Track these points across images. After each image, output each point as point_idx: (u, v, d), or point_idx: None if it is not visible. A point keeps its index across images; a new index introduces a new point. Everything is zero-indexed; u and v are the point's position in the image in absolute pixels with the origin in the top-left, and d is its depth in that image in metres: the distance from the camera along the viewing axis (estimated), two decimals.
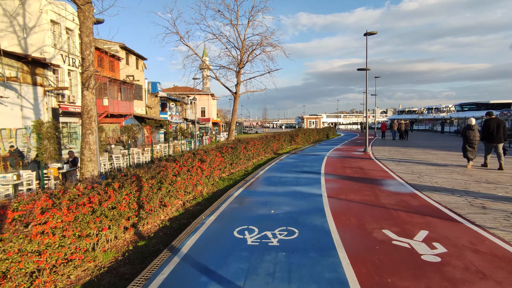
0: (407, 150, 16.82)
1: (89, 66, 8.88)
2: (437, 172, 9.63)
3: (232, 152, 10.71)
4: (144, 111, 37.18)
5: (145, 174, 5.38)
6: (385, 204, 6.16)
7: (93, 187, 4.32)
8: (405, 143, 21.97)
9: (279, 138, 18.15)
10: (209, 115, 65.87)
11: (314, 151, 17.87)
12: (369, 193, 7.15)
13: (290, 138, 21.28)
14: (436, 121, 52.21)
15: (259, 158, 14.71)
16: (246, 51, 36.81)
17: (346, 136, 36.42)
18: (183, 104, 51.35)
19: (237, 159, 11.30)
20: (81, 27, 8.70)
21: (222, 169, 10.08)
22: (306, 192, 7.45)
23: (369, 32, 15.90)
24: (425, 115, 69.02)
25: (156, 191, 5.63)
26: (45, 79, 19.58)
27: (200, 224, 5.20)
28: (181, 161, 7.13)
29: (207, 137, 34.92)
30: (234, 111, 38.15)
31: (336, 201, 6.46)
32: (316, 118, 52.77)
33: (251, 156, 13.09)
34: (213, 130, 54.12)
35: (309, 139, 25.53)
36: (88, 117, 9.01)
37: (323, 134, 30.94)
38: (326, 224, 5.02)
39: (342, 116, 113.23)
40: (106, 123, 27.69)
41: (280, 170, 10.98)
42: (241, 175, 10.42)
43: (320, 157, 14.70)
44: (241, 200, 6.89)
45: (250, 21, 36.30)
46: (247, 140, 13.44)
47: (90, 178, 9.43)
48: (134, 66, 33.84)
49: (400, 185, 7.92)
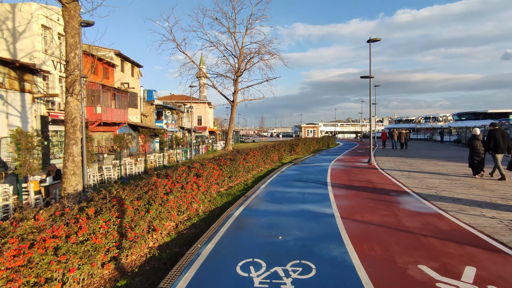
0: (413, 161, 16.10)
1: (74, 69, 8.06)
2: (453, 187, 8.86)
3: (230, 164, 9.86)
4: (139, 120, 36.30)
5: (130, 195, 4.51)
6: (409, 227, 5.33)
7: (63, 213, 3.45)
8: (408, 153, 21.29)
9: (279, 148, 17.36)
10: (205, 124, 65.11)
11: (316, 162, 17.07)
12: (386, 212, 6.32)
13: (290, 148, 20.50)
14: (434, 130, 51.94)
15: (259, 169, 13.87)
16: (244, 59, 36.33)
17: (345, 145, 35.77)
18: (179, 112, 50.56)
19: (236, 172, 10.44)
20: (65, 27, 7.90)
21: (220, 183, 9.21)
22: (316, 211, 6.60)
23: (372, 39, 15.36)
24: (423, 124, 68.96)
25: (143, 214, 4.75)
26: (34, 85, 18.71)
27: (196, 256, 4.31)
28: (174, 176, 6.27)
29: (203, 146, 34.03)
30: (232, 119, 37.43)
31: (352, 224, 5.62)
32: (314, 127, 52.21)
33: (250, 167, 12.25)
34: (209, 139, 53.23)
35: (308, 148, 24.78)
36: (72, 126, 8.14)
37: (322, 143, 30.23)
38: (347, 256, 4.17)
39: (339, 125, 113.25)
40: (99, 131, 26.75)
41: (282, 184, 10.13)
42: (240, 190, 9.55)
43: (323, 168, 13.90)
44: (242, 221, 6.01)
45: (248, 29, 35.96)
46: (246, 150, 12.62)
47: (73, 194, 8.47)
48: (129, 74, 33.10)
49: (419, 203, 7.11)
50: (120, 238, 4.13)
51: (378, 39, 15.35)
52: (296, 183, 10.10)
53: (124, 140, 14.41)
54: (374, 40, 15.37)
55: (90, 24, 11.33)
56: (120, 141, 14.34)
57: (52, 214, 3.37)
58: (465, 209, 6.38)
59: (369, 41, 15.59)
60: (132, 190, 4.77)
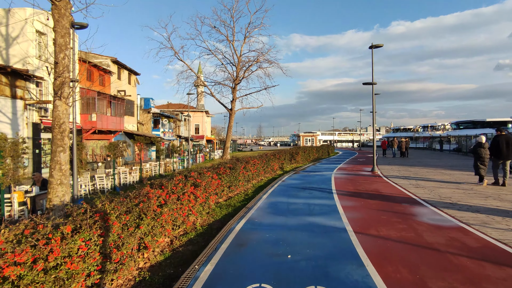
0: (417, 170, 15.59)
1: (63, 71, 7.52)
2: (468, 197, 8.31)
3: (230, 173, 9.27)
4: (136, 128, 35.69)
5: (117, 208, 3.91)
6: (433, 244, 4.75)
7: (33, 232, 2.84)
8: (410, 162, 20.81)
9: (279, 156, 16.80)
10: (203, 132, 64.59)
11: (317, 171, 16.50)
12: (403, 226, 5.75)
13: (291, 157, 19.95)
14: (433, 139, 51.77)
15: (259, 178, 13.27)
16: (242, 67, 36.07)
17: (345, 154, 35.29)
18: (176, 120, 50.05)
19: (236, 181, 9.84)
20: (55, 26, 7.40)
21: (219, 194, 8.60)
22: (325, 224, 6.00)
23: (374, 45, 15.04)
24: (421, 133, 68.92)
25: (133, 230, 4.14)
26: (27, 92, 18.13)
27: (192, 281, 3.69)
28: (169, 186, 5.67)
29: (201, 155, 33.39)
30: (230, 128, 36.91)
31: (369, 239, 5.03)
32: (313, 136, 51.82)
33: (250, 176, 11.65)
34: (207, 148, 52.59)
35: (309, 157, 24.24)
36: (60, 132, 7.55)
37: (322, 152, 29.73)
38: (370, 281, 3.57)
39: (337, 134, 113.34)
40: (94, 139, 26.07)
41: (285, 194, 9.53)
42: (241, 200, 8.93)
43: (326, 177, 13.32)
44: (245, 237, 5.40)
45: (246, 38, 35.82)
46: (246, 158, 12.04)
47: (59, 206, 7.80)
48: (126, 81, 32.68)
49: (436, 215, 6.54)
50: (104, 260, 3.51)
51: (380, 45, 15.04)
52: (300, 193, 9.50)
53: (118, 148, 13.78)
54: (376, 46, 15.06)
55: (84, 26, 10.84)
56: (114, 149, 13.71)
57: (19, 234, 2.76)
58: (489, 222, 5.82)
59: (371, 47, 15.27)
60: (120, 202, 4.17)
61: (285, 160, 18.27)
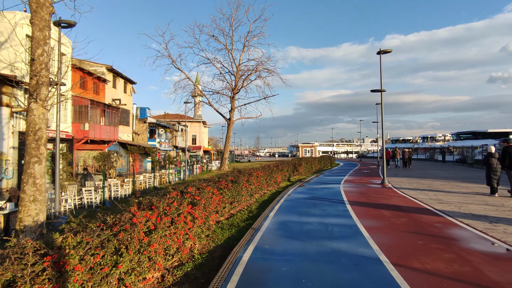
0: (429, 182, 14.58)
1: (40, 70, 6.51)
2: (506, 214, 7.27)
3: (232, 188, 8.17)
4: (131, 138, 34.54)
5: (84, 243, 2.80)
6: (503, 285, 3.67)
7: None
8: (417, 173, 19.82)
9: (282, 168, 15.73)
10: (200, 143, 63.53)
11: (323, 183, 15.43)
12: (450, 255, 4.67)
13: (293, 168, 18.89)
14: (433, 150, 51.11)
15: (262, 192, 12.15)
16: (241, 77, 35.39)
17: (346, 165, 34.28)
18: (173, 131, 48.99)
19: (238, 196, 8.72)
20: (32, 17, 6.44)
21: (220, 211, 7.48)
22: (353, 252, 4.90)
23: (383, 50, 14.27)
24: (420, 144, 68.46)
25: (108, 271, 3.03)
26: (14, 99, 17.06)
27: None
28: (161, 206, 4.58)
29: (198, 166, 32.21)
30: (228, 138, 35.89)
31: (415, 276, 3.93)
32: (312, 147, 50.94)
33: (253, 190, 10.53)
34: (204, 158, 51.38)
35: (311, 168, 23.19)
36: (34, 140, 6.49)
37: (324, 163, 28.72)
38: None
39: (335, 144, 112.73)
40: (86, 149, 24.87)
41: (294, 210, 8.43)
42: (245, 219, 7.80)
43: (335, 191, 12.24)
44: (256, 272, 4.27)
45: (245, 46, 35.27)
46: (248, 170, 10.95)
47: (32, 226, 6.64)
48: (121, 90, 31.74)
49: (483, 240, 5.47)
50: None
51: (388, 50, 14.28)
52: (311, 210, 8.40)
53: (109, 158, 12.65)
54: (384, 52, 14.29)
55: (72, 24, 9.92)
56: (105, 159, 12.58)
57: None
58: None
59: (379, 53, 14.50)
60: (91, 232, 3.07)
61: (288, 172, 17.19)
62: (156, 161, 18.25)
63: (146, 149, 18.75)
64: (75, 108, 22.75)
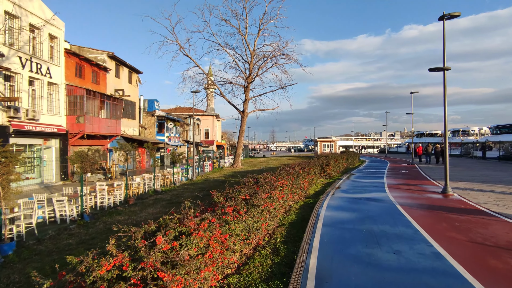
0: (510, 189, 10.95)
1: None
2: None
3: (248, 215, 4.99)
4: (137, 132, 32.04)
5: None
6: None
7: None
8: (470, 175, 16.03)
9: (309, 170, 12.44)
10: (213, 137, 60.88)
11: (362, 190, 12.05)
12: None
13: (321, 169, 15.55)
14: (467, 145, 46.18)
15: (287, 205, 8.95)
16: (256, 63, 32.00)
17: (374, 163, 30.49)
18: (184, 125, 46.36)
19: (257, 225, 5.52)
20: None
21: (223, 260, 4.32)
22: None
23: (447, 14, 10.61)
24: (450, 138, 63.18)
25: None
26: None
27: None
28: None
29: (209, 163, 29.34)
30: (241, 132, 32.68)
31: None
32: (331, 141, 47.07)
33: (277, 207, 7.31)
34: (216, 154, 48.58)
35: (338, 167, 19.76)
36: None
37: (351, 161, 25.17)
38: None
39: (353, 139, 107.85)
40: (84, 145, 22.34)
41: (347, 253, 5.20)
42: (266, 272, 4.63)
43: (386, 205, 8.90)
44: None
45: (260, 30, 31.70)
46: (268, 178, 7.73)
47: None
48: (126, 80, 29.11)
49: None
50: None
51: (456, 14, 10.58)
52: (375, 252, 5.13)
53: (87, 158, 9.78)
54: (451, 17, 10.60)
55: None
56: (83, 160, 9.71)
57: None
58: None
59: (441, 18, 10.84)
60: None
61: (315, 174, 13.90)
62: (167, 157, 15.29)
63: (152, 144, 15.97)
64: (70, 98, 20.18)
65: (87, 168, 9.72)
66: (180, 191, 15.51)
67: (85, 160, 9.64)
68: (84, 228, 8.94)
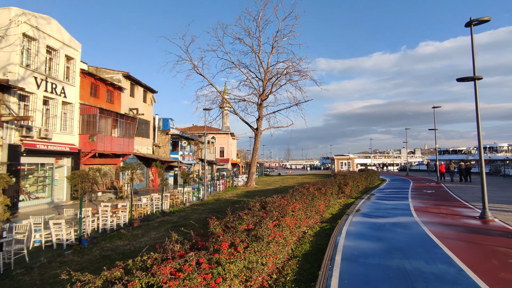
0: None
1: None
2: None
3: (249, 251, 4.10)
4: (151, 150, 31.98)
5: None
6: None
7: None
8: (506, 195, 14.34)
9: (325, 191, 11.38)
10: (228, 156, 60.44)
11: (386, 214, 10.81)
12: None
13: (338, 189, 14.40)
14: (495, 162, 43.20)
15: (300, 232, 7.94)
16: (269, 80, 31.66)
17: (395, 181, 28.72)
18: (198, 143, 46.27)
19: (262, 259, 4.60)
20: None
21: None
22: None
23: (475, 20, 9.68)
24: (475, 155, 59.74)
25: None
26: (3, 106, 14.65)
27: None
28: None
29: (221, 182, 28.59)
30: (255, 150, 31.93)
31: None
32: (349, 159, 45.39)
33: (287, 236, 6.34)
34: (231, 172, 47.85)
35: (357, 187, 18.45)
36: None
37: (370, 179, 23.70)
38: None
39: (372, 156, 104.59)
40: (96, 164, 22.26)
41: None
42: None
43: (417, 233, 7.70)
44: None
45: (274, 48, 31.57)
46: (279, 202, 6.82)
47: None
48: (140, 99, 29.41)
49: None
50: None
51: (486, 18, 9.63)
52: None
53: (87, 178, 9.24)
54: (480, 22, 9.66)
55: None
56: (82, 180, 9.19)
57: None
58: None
59: (468, 24, 9.91)
60: None
61: (332, 194, 12.79)
62: (164, 179, 14.73)
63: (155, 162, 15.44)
64: (83, 117, 20.30)
65: (86, 188, 9.16)
66: (188, 213, 14.73)
67: (85, 180, 9.10)
68: (79, 254, 8.25)
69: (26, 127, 15.43)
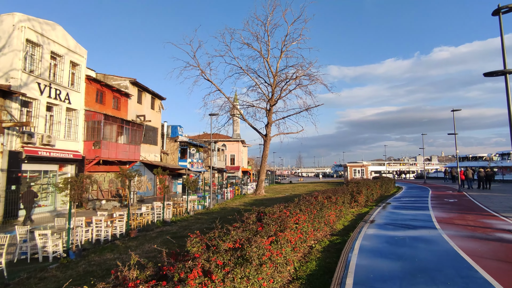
0: None
1: None
2: None
3: (233, 276, 3.20)
4: (159, 158, 31.58)
5: None
6: None
7: None
8: None
9: (336, 200, 10.33)
10: (238, 163, 59.69)
11: (405, 226, 9.65)
12: None
13: (350, 198, 13.28)
14: None
15: (306, 247, 6.95)
16: (278, 84, 30.89)
17: (412, 190, 27.09)
18: (208, 150, 45.73)
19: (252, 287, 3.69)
20: None
21: None
22: None
23: (506, 6, 8.61)
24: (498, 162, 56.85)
25: None
26: (5, 112, 14.41)
27: None
28: None
29: (230, 190, 27.74)
30: (264, 157, 30.99)
31: None
32: (363, 167, 43.72)
33: (288, 254, 5.37)
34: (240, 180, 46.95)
35: (371, 195, 17.21)
36: None
37: (385, 187, 22.31)
38: None
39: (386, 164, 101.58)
40: (101, 171, 21.89)
41: None
42: None
43: (444, 251, 6.58)
44: None
45: (283, 52, 30.94)
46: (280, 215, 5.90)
47: None
48: (148, 106, 29.17)
49: None
50: None
51: None
52: None
53: (76, 185, 8.59)
54: (510, 9, 8.58)
55: None
56: (71, 187, 8.54)
57: None
58: None
59: (496, 12, 8.84)
60: None
61: (343, 203, 11.71)
62: (166, 186, 14.01)
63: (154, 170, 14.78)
64: (88, 124, 20.01)
65: (75, 197, 8.49)
66: (191, 222, 13.91)
67: (74, 187, 8.43)
68: (63, 269, 7.51)
69: (28, 134, 15.12)
